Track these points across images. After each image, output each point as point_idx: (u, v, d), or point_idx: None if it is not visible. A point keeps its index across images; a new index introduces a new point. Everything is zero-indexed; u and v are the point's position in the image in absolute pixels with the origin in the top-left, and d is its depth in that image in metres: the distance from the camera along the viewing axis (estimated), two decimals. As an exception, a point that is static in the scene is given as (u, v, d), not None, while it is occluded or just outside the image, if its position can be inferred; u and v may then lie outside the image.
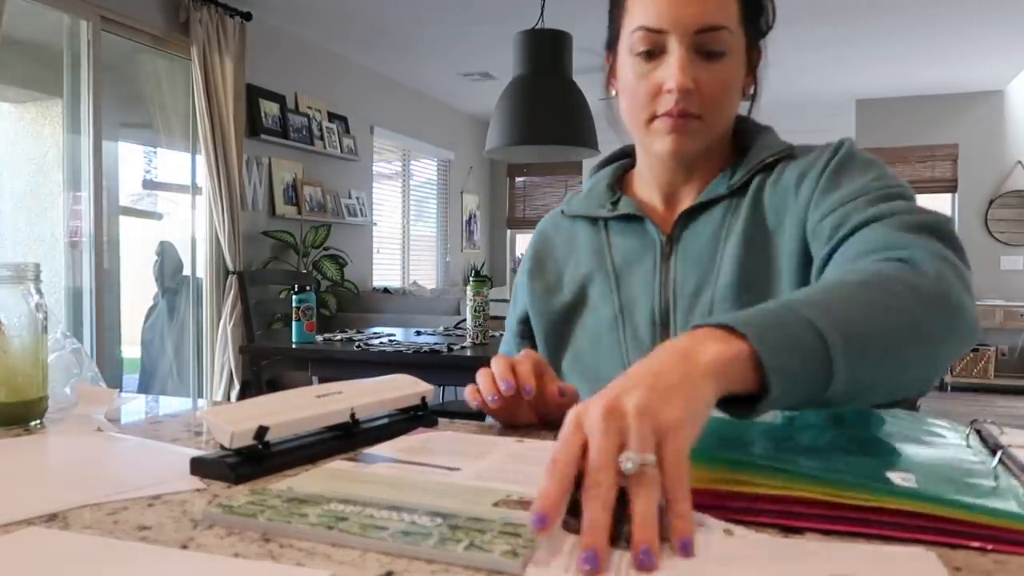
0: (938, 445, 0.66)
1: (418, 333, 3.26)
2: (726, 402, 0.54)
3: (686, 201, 0.94)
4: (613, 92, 0.93)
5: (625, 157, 1.04)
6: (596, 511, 0.43)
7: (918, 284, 0.62)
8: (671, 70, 0.81)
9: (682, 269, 0.90)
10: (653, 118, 0.85)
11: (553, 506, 0.44)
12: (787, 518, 0.52)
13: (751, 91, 0.92)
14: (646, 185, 0.97)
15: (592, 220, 0.99)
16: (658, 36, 0.82)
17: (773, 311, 0.56)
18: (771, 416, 0.70)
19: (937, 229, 0.71)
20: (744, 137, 0.94)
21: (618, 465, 0.44)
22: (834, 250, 0.77)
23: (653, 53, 0.83)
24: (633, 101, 0.86)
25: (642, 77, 0.84)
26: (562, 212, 1.04)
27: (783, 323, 0.54)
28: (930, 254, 0.66)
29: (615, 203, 0.96)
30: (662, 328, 0.90)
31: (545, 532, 0.44)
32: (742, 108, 0.94)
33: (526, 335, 1.05)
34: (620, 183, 1.01)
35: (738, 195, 0.91)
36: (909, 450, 0.65)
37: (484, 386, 0.79)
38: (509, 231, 8.09)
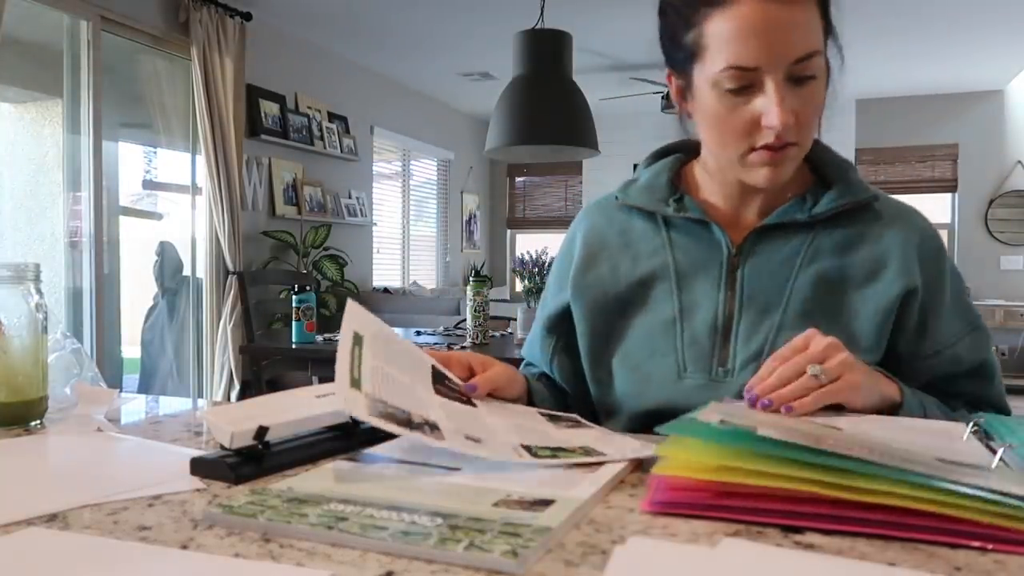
0: (941, 439, 0.66)
1: (418, 333, 3.26)
2: None
3: (750, 212, 0.92)
4: (687, 114, 0.90)
5: (680, 150, 1.01)
6: (775, 369, 0.72)
7: None
8: (769, 106, 0.79)
9: (751, 284, 0.89)
10: (750, 151, 0.83)
11: (769, 390, 0.70)
12: (788, 518, 0.52)
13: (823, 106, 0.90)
14: (710, 189, 0.95)
15: (650, 214, 0.96)
16: (752, 74, 0.79)
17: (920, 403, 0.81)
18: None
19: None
20: (824, 167, 0.92)
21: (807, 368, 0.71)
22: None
23: (743, 88, 0.80)
24: (725, 135, 0.84)
25: (732, 110, 0.81)
26: (616, 198, 1.00)
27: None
28: None
29: (678, 201, 0.93)
30: (723, 337, 0.88)
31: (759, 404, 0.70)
32: None
33: (560, 332, 1.01)
34: (679, 178, 0.98)
35: (820, 228, 0.90)
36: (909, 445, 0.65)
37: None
38: (509, 231, 8.09)
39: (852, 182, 0.90)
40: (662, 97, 5.41)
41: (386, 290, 5.41)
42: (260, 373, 3.10)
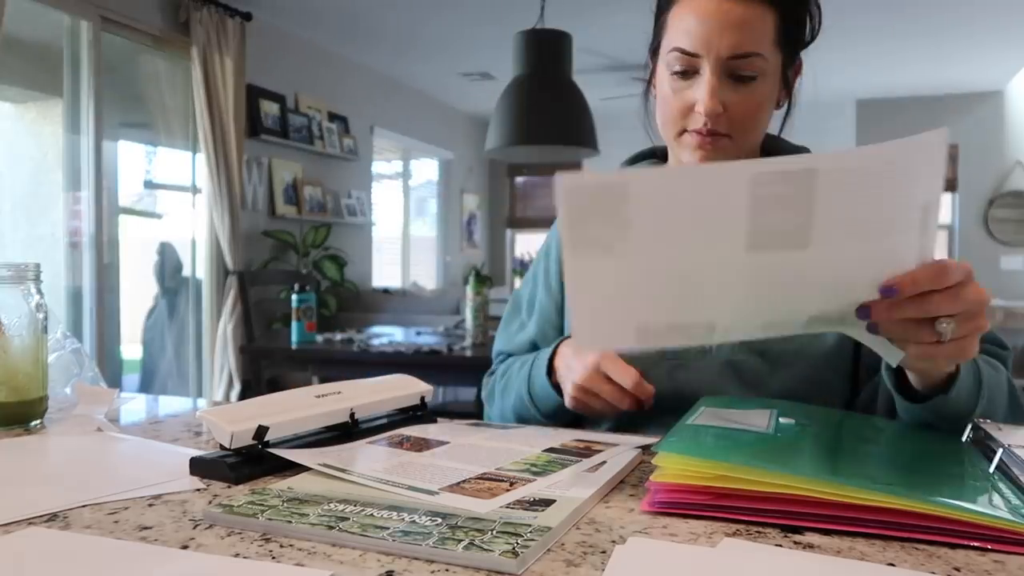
0: (935, 445, 0.66)
1: (418, 333, 3.26)
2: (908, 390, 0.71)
3: None
4: (652, 96, 0.94)
5: (653, 156, 1.05)
6: (932, 284, 0.57)
7: (1020, 402, 0.81)
8: (700, 93, 0.84)
9: None
10: (683, 132, 0.88)
11: (913, 286, 0.56)
12: (787, 518, 0.52)
13: (784, 104, 0.93)
14: None
15: None
16: (692, 59, 0.83)
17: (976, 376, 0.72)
18: (768, 426, 0.70)
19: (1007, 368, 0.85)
20: (780, 154, 0.95)
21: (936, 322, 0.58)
22: None
23: (687, 73, 0.85)
24: (666, 114, 0.89)
25: (676, 93, 0.86)
26: None
27: (969, 368, 0.70)
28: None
29: None
30: None
31: (879, 308, 0.58)
32: (776, 118, 0.95)
33: (554, 324, 1.04)
34: None
35: None
36: (905, 451, 0.65)
37: (614, 396, 0.82)
38: (509, 231, 8.09)
39: (784, 147, 0.95)
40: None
41: (386, 290, 5.41)
42: (260, 373, 3.10)
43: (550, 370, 0.91)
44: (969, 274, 0.58)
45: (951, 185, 6.50)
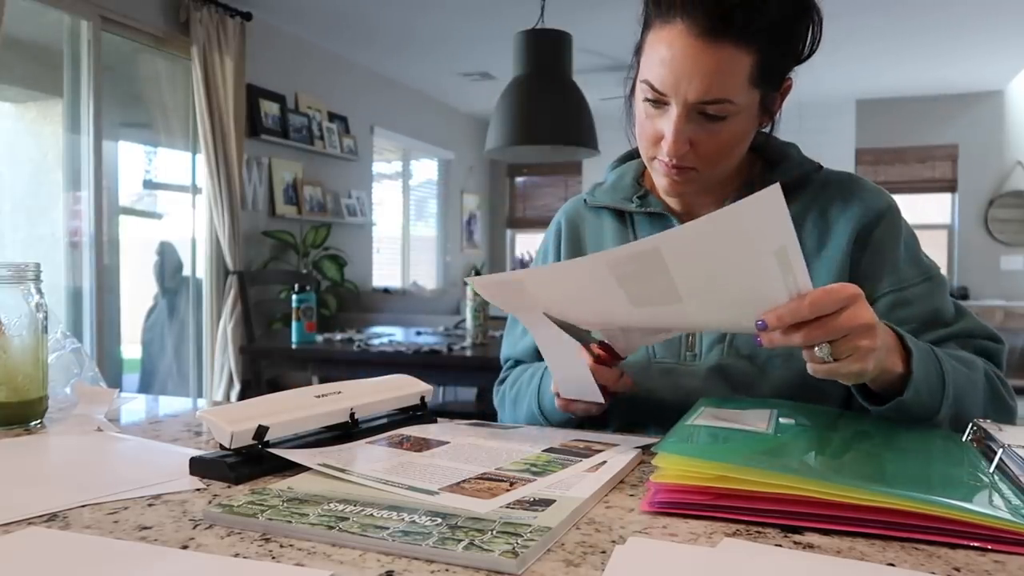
0: (936, 445, 0.66)
1: (418, 333, 3.26)
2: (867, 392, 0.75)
3: (705, 206, 0.95)
4: (632, 106, 0.93)
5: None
6: (794, 319, 0.62)
7: (1002, 393, 0.83)
8: (666, 132, 0.82)
9: None
10: (654, 158, 0.87)
11: (778, 322, 0.62)
12: (787, 518, 0.52)
13: (767, 127, 0.92)
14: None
15: (618, 213, 1.00)
16: (660, 95, 0.81)
17: (925, 347, 0.76)
18: (767, 426, 0.70)
19: (999, 362, 0.87)
20: (767, 151, 0.95)
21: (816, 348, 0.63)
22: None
23: (658, 103, 0.83)
24: (640, 137, 0.88)
25: (648, 119, 0.85)
26: (585, 202, 1.05)
27: (930, 369, 0.74)
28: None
29: (642, 197, 0.97)
30: (687, 332, 0.91)
31: (764, 337, 0.64)
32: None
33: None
34: (644, 179, 1.02)
35: None
36: (905, 451, 0.65)
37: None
38: (509, 231, 8.09)
39: (794, 157, 0.94)
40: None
41: (386, 290, 5.41)
42: (260, 373, 3.10)
43: None
44: (849, 299, 0.62)
45: (951, 185, 6.50)
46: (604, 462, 0.66)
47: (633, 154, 1.05)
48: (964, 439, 0.67)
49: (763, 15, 0.77)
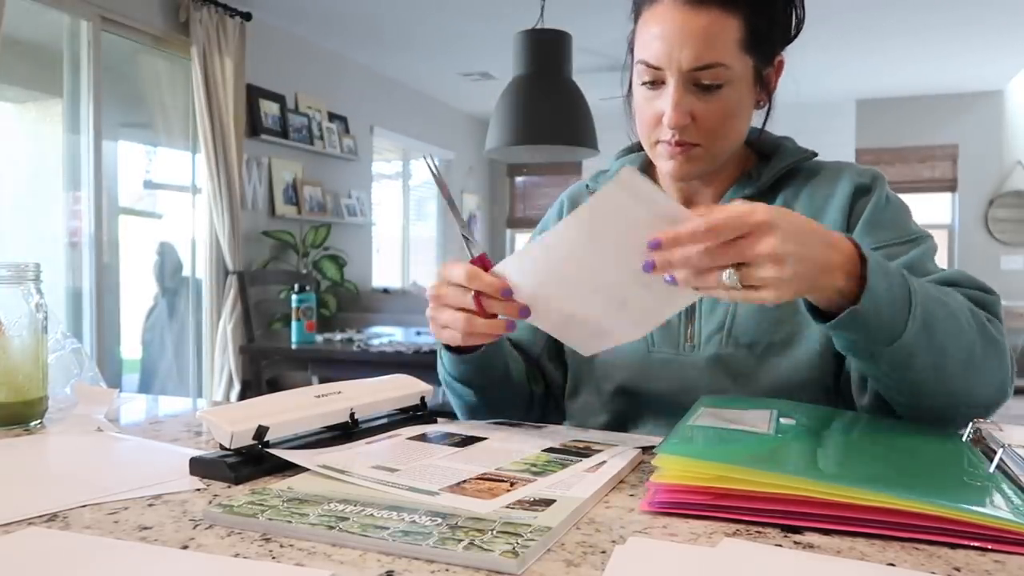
0: (936, 445, 0.66)
1: (418, 333, 3.26)
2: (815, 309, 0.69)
3: (704, 197, 0.96)
4: (632, 107, 0.94)
5: (641, 149, 1.05)
6: (688, 241, 0.60)
7: (990, 330, 0.74)
8: (665, 106, 0.84)
9: None
10: (656, 142, 0.88)
11: (672, 242, 0.60)
12: (787, 518, 0.52)
13: (764, 106, 0.93)
14: (667, 181, 0.99)
15: None
16: (657, 71, 0.84)
17: (890, 266, 0.68)
18: (768, 426, 0.70)
19: (995, 313, 0.80)
20: (764, 145, 0.96)
21: (722, 269, 0.61)
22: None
23: (655, 83, 0.85)
24: (640, 124, 0.90)
25: (647, 103, 0.87)
26: (587, 187, 1.05)
27: (893, 283, 0.67)
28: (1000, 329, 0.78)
29: None
30: (688, 315, 0.92)
31: (656, 268, 0.62)
32: (757, 116, 0.95)
33: None
34: (649, 169, 1.02)
35: (766, 197, 0.93)
36: (906, 451, 0.65)
37: (456, 298, 0.75)
38: (509, 231, 8.09)
39: (787, 147, 0.95)
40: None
41: (386, 290, 5.41)
42: (260, 373, 3.10)
43: None
44: (753, 226, 0.59)
45: (951, 185, 6.50)
46: (604, 462, 0.66)
47: (637, 147, 1.05)
48: (964, 439, 0.67)
49: None
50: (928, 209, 6.57)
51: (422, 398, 0.87)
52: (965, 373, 0.71)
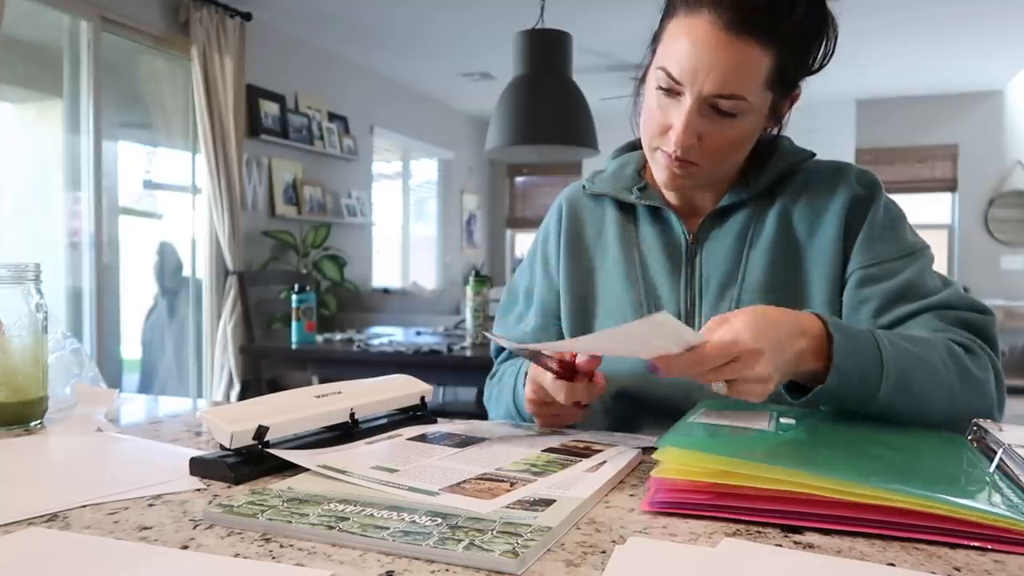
0: (937, 445, 0.66)
1: (418, 333, 3.26)
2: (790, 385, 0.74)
3: (703, 200, 0.95)
4: (643, 93, 0.93)
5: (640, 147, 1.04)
6: (685, 368, 0.66)
7: (970, 368, 0.76)
8: (676, 123, 0.82)
9: (708, 269, 0.93)
10: (657, 148, 0.87)
11: (668, 368, 0.66)
12: (787, 518, 0.52)
13: (773, 131, 0.92)
14: None
15: (621, 205, 1.00)
16: (676, 84, 0.81)
17: (860, 333, 0.73)
18: (768, 424, 0.70)
19: (989, 335, 0.82)
20: (761, 145, 0.95)
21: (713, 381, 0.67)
22: (901, 314, 0.84)
23: (671, 92, 0.82)
24: (646, 126, 0.88)
25: (658, 108, 0.85)
26: (583, 188, 1.04)
27: (862, 354, 0.72)
28: (987, 356, 0.80)
29: (642, 190, 0.97)
30: (686, 321, 0.92)
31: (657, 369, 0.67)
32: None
33: (556, 313, 1.02)
34: (645, 171, 1.01)
35: (764, 200, 0.93)
36: (906, 450, 0.65)
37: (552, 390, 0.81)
38: (509, 231, 8.09)
39: (785, 148, 0.94)
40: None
41: (386, 290, 5.41)
42: (260, 373, 3.10)
43: None
44: (738, 355, 0.65)
45: (951, 185, 6.50)
46: (604, 462, 0.66)
47: (635, 145, 1.04)
48: (964, 439, 0.67)
49: (789, 18, 0.78)
50: (928, 209, 6.57)
51: (422, 398, 0.87)
52: (948, 411, 0.75)
